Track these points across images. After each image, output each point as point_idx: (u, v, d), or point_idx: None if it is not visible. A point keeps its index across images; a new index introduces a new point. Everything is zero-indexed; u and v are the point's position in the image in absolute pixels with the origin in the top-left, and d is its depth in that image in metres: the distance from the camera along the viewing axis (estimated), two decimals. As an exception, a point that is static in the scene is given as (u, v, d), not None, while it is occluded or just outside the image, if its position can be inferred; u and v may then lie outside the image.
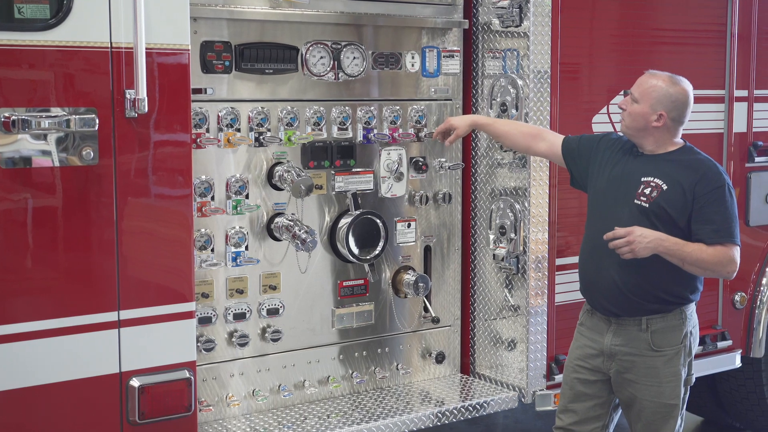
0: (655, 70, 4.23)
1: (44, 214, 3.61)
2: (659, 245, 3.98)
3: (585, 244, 4.32)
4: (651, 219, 4.07)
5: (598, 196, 4.27)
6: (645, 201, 4.10)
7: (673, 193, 4.08)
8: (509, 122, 4.79)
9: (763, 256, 5.94)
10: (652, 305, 4.14)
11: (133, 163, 3.73)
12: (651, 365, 4.16)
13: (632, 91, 4.19)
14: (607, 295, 4.18)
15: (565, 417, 4.40)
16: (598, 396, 4.33)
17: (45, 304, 3.63)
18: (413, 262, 5.04)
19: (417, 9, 4.92)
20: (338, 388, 4.83)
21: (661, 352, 4.16)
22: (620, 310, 4.17)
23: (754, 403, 6.13)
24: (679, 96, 4.13)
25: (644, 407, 4.20)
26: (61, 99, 3.58)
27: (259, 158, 4.51)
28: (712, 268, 4.04)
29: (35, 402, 3.62)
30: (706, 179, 4.08)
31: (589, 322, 4.32)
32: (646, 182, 4.13)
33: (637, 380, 4.19)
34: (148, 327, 3.83)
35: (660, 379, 4.16)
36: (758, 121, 5.85)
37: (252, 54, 4.40)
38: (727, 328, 5.82)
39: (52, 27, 3.55)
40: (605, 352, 4.24)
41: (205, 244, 4.36)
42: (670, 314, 4.16)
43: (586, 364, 4.30)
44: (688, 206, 4.06)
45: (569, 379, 4.39)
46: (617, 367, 4.22)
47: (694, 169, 4.11)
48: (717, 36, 5.66)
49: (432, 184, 5.05)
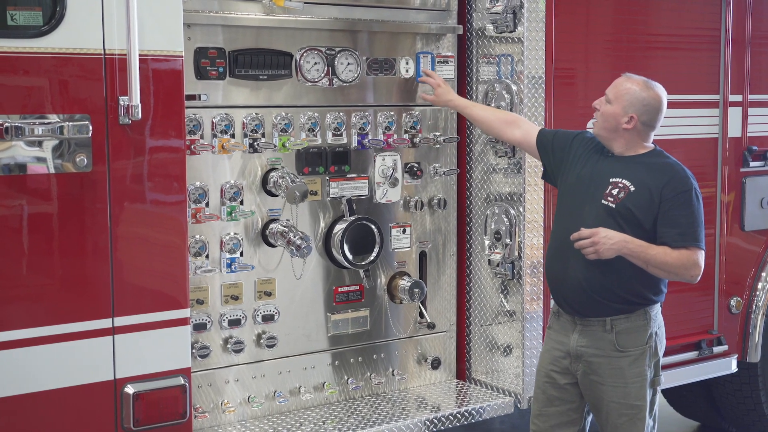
0: (632, 74, 4.26)
1: (38, 221, 3.61)
2: (623, 247, 4.00)
3: (552, 242, 4.35)
4: (617, 220, 4.09)
5: (567, 193, 4.30)
6: (612, 201, 4.12)
7: (640, 195, 4.09)
8: (486, 108, 4.84)
9: (759, 260, 5.95)
10: (617, 305, 4.15)
11: (127, 170, 3.72)
12: (616, 366, 4.16)
13: (607, 92, 4.23)
14: (572, 294, 4.19)
15: (539, 421, 4.41)
16: (570, 400, 4.33)
17: (39, 311, 3.62)
18: (408, 267, 5.03)
19: (411, 15, 4.92)
20: (334, 395, 4.82)
21: (626, 352, 4.16)
22: (585, 310, 4.18)
23: (750, 408, 6.13)
24: (651, 101, 4.16)
25: (611, 409, 4.20)
26: (55, 106, 3.58)
27: (254, 164, 4.51)
28: (676, 271, 4.06)
29: (30, 409, 3.61)
30: (674, 182, 4.10)
31: (556, 324, 4.35)
32: (614, 183, 4.15)
33: (602, 381, 4.19)
34: (143, 334, 3.82)
35: (626, 380, 4.16)
36: (753, 125, 5.86)
37: (246, 60, 4.40)
38: (722, 333, 5.82)
39: (45, 34, 3.55)
40: (571, 353, 4.25)
41: (200, 250, 4.35)
42: (634, 315, 4.17)
43: (555, 366, 4.32)
44: (654, 208, 4.08)
45: (541, 383, 4.40)
46: (584, 368, 4.23)
47: (662, 172, 4.13)
48: (711, 41, 5.67)
49: (427, 189, 5.05)
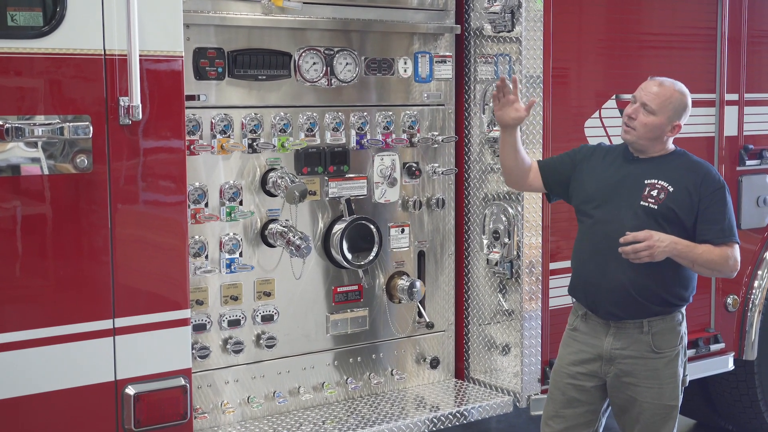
0: (661, 78, 4.23)
1: (37, 222, 3.60)
2: (674, 249, 4.02)
3: (582, 247, 4.31)
4: (659, 221, 4.09)
5: (592, 200, 4.26)
6: (653, 203, 4.12)
7: (679, 195, 4.11)
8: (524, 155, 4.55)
9: (755, 259, 5.96)
10: (657, 307, 4.16)
11: (127, 171, 3.71)
12: (652, 367, 4.17)
13: (646, 101, 4.14)
14: (612, 297, 4.17)
15: (554, 423, 4.39)
16: (590, 402, 4.32)
17: (40, 312, 3.61)
18: (407, 267, 5.04)
19: (409, 15, 4.92)
20: (333, 394, 4.82)
21: (661, 353, 4.17)
22: (624, 313, 4.18)
23: (747, 406, 6.15)
24: (689, 104, 4.21)
25: (644, 409, 4.20)
26: (55, 106, 3.56)
27: (253, 165, 4.50)
28: (719, 268, 4.11)
29: (30, 411, 3.60)
30: (708, 180, 4.14)
31: (584, 326, 4.32)
32: (650, 184, 4.15)
33: (637, 383, 4.19)
34: (144, 335, 3.81)
35: (661, 381, 4.17)
36: (749, 124, 5.87)
37: (245, 60, 4.40)
38: (719, 331, 5.84)
39: (45, 34, 3.53)
40: (604, 357, 4.24)
41: (199, 251, 4.35)
42: (669, 316, 4.19)
43: (583, 369, 4.30)
44: (694, 207, 4.11)
45: (561, 384, 4.36)
46: (616, 371, 4.22)
47: (695, 171, 4.17)
48: (707, 39, 5.68)
49: (425, 189, 5.05)
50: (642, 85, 4.23)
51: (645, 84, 4.23)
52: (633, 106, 4.19)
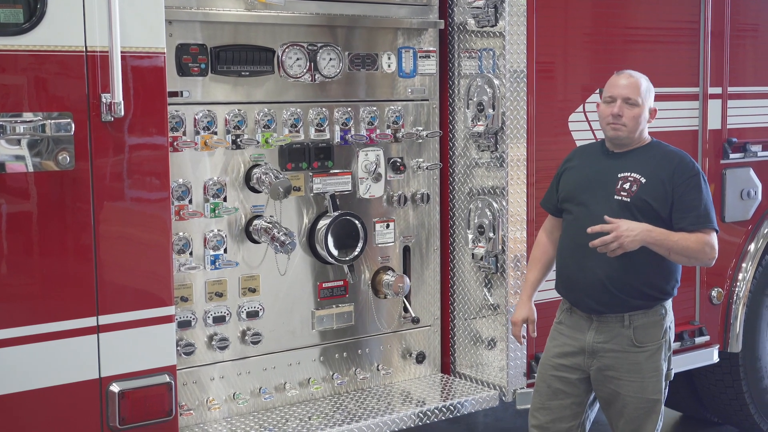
0: (622, 70, 4.28)
1: (20, 220, 3.59)
2: (647, 236, 4.01)
3: (564, 243, 4.35)
4: (633, 213, 4.11)
5: (570, 198, 4.30)
6: (626, 195, 4.14)
7: (652, 185, 4.12)
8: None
9: (739, 251, 5.99)
10: (636, 301, 4.17)
11: (109, 168, 3.71)
12: (634, 361, 4.18)
13: (627, 95, 4.16)
14: (591, 292, 4.20)
15: (540, 415, 4.41)
16: (575, 395, 4.35)
17: (24, 310, 3.61)
18: (392, 262, 5.04)
19: (392, 10, 4.92)
20: (319, 390, 4.82)
21: (643, 347, 4.19)
22: (604, 307, 4.19)
23: (732, 398, 6.18)
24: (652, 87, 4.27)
25: (627, 403, 4.22)
26: (36, 104, 3.56)
27: (237, 161, 4.49)
28: (696, 255, 4.10)
29: (14, 409, 3.60)
30: (682, 168, 4.15)
31: (568, 320, 4.34)
32: (623, 177, 4.17)
33: (619, 377, 4.21)
34: (128, 332, 3.81)
35: (643, 375, 4.19)
36: (732, 118, 5.89)
37: (228, 56, 4.39)
38: (704, 324, 5.86)
39: (26, 31, 3.53)
40: (587, 350, 4.26)
41: (184, 247, 4.34)
42: (651, 310, 4.20)
43: (566, 361, 4.32)
44: (668, 197, 4.11)
45: (546, 376, 4.39)
46: (599, 365, 4.24)
47: (668, 160, 4.18)
48: (691, 33, 5.69)
49: (410, 184, 5.05)
50: (612, 83, 4.25)
51: (614, 80, 4.25)
52: (614, 104, 4.19)
